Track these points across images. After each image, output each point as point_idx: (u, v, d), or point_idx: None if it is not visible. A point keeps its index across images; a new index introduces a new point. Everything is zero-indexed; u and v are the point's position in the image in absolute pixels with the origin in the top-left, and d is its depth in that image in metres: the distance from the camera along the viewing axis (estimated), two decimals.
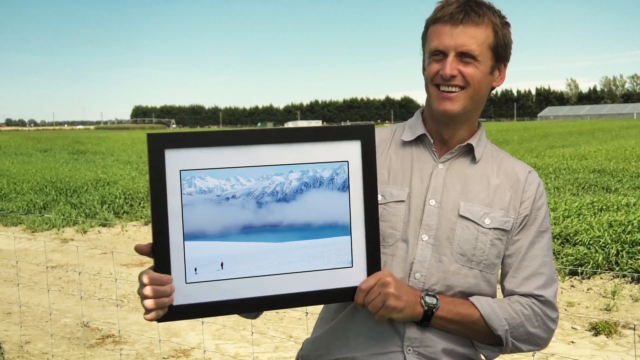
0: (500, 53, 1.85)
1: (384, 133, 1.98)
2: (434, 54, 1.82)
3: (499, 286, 1.90)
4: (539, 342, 1.84)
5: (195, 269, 1.63)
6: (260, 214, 1.67)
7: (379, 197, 1.83)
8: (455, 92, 1.80)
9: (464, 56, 1.78)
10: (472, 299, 1.80)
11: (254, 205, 1.66)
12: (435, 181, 1.86)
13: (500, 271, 1.90)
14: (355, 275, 1.73)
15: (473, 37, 1.78)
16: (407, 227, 1.83)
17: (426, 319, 1.75)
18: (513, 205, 1.85)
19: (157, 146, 1.60)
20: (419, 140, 1.92)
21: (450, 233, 1.81)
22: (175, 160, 1.61)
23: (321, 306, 2.02)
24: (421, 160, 1.89)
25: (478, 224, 1.81)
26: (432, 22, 1.84)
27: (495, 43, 1.82)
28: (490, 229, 1.82)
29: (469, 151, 1.90)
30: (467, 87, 1.80)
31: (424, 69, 1.90)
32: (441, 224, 1.82)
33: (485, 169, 1.89)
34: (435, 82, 1.83)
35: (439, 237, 1.81)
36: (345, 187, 1.72)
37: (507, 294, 1.86)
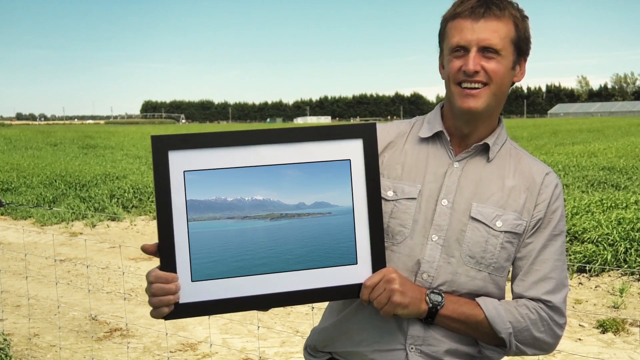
0: (522, 47, 1.81)
1: (402, 126, 1.96)
2: (455, 50, 1.78)
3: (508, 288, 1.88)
4: (544, 347, 1.82)
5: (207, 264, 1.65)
6: (264, 211, 1.69)
7: (391, 193, 1.83)
8: (478, 88, 1.77)
9: (487, 51, 1.75)
10: (478, 299, 1.79)
11: (261, 205, 1.68)
12: (449, 180, 1.84)
13: (510, 273, 1.88)
14: (360, 272, 1.73)
15: (495, 31, 1.74)
16: (417, 226, 1.81)
17: (430, 317, 1.75)
18: (527, 207, 1.82)
19: (161, 147, 1.63)
20: (436, 136, 1.90)
21: (460, 234, 1.79)
22: (179, 161, 1.63)
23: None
24: (436, 158, 1.87)
25: (489, 227, 1.79)
26: (451, 17, 1.79)
27: (516, 37, 1.78)
28: (501, 232, 1.79)
29: (485, 150, 1.87)
30: (490, 84, 1.77)
31: (442, 66, 1.87)
32: (452, 225, 1.80)
33: (502, 168, 1.86)
34: (457, 80, 1.78)
35: (449, 238, 1.80)
36: (347, 185, 1.72)
37: (515, 297, 1.83)
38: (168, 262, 1.64)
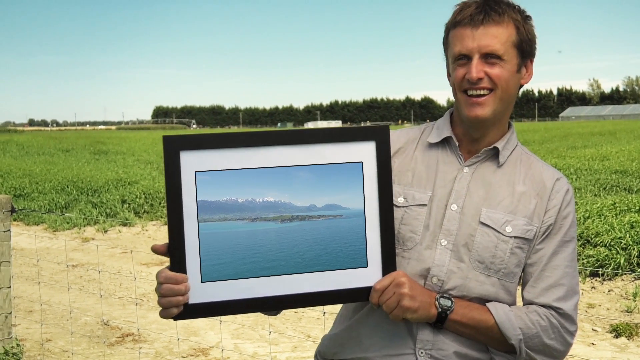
0: (525, 49, 1.81)
1: (412, 133, 1.96)
2: (458, 59, 1.79)
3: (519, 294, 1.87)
4: (554, 354, 1.81)
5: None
6: (275, 213, 1.69)
7: (401, 200, 1.83)
8: (484, 95, 1.77)
9: (489, 57, 1.75)
10: (488, 305, 1.78)
11: (272, 206, 1.68)
12: (458, 185, 1.83)
13: (521, 280, 1.87)
14: (371, 276, 1.73)
15: (495, 36, 1.74)
16: (427, 231, 1.81)
17: (440, 321, 1.74)
18: (537, 213, 1.81)
19: (173, 148, 1.63)
20: (445, 142, 1.90)
21: (469, 239, 1.79)
22: (190, 161, 1.63)
23: (339, 305, 2.02)
24: (446, 163, 1.87)
25: (498, 232, 1.78)
26: (452, 26, 1.81)
27: (518, 40, 1.78)
28: (511, 237, 1.78)
29: (495, 154, 1.86)
30: (496, 89, 1.77)
31: (449, 74, 1.87)
32: (461, 230, 1.80)
33: (512, 174, 1.85)
34: (462, 88, 1.79)
35: (458, 243, 1.79)
36: (359, 187, 1.71)
37: (526, 303, 1.83)
38: (178, 263, 1.64)
